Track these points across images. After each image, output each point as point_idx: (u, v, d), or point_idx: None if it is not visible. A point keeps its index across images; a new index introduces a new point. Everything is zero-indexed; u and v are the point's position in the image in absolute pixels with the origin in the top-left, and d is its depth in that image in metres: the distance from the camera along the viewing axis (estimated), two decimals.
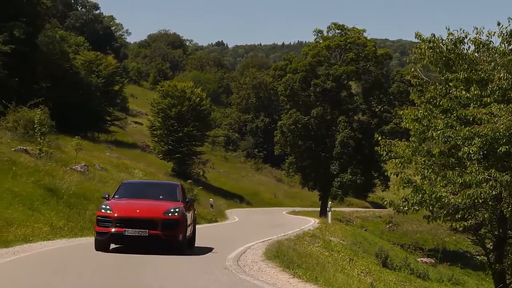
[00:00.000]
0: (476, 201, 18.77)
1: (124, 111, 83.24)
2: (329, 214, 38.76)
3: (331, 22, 60.16)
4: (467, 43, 20.85)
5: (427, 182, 20.53)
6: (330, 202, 45.12)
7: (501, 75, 19.51)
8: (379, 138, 21.63)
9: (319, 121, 56.75)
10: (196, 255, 15.73)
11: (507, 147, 18.58)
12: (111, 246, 16.03)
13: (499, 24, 20.35)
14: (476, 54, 21.06)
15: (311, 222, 35.87)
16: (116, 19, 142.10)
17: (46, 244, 17.13)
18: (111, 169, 39.65)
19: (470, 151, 18.78)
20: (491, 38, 20.67)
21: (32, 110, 33.11)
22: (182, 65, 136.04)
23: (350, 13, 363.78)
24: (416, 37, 21.49)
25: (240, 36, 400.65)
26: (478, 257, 36.04)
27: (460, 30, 20.78)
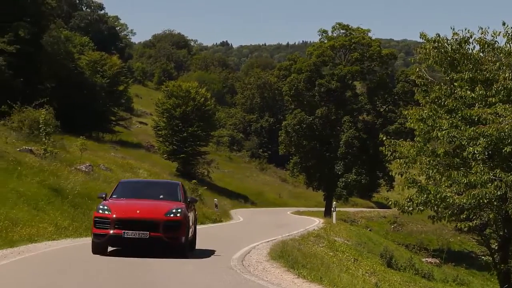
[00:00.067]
0: (481, 201, 18.74)
1: (129, 111, 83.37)
2: (334, 214, 38.70)
3: (336, 22, 60.25)
4: (472, 43, 20.84)
5: (432, 182, 20.50)
6: (335, 202, 45.02)
7: (506, 75, 19.48)
8: (384, 138, 21.61)
9: (324, 121, 56.74)
10: (201, 255, 15.68)
11: None
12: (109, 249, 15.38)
13: (504, 24, 20.33)
14: (481, 54, 21.03)
15: (316, 222, 35.82)
16: (121, 19, 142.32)
17: (51, 244, 17.15)
18: (116, 169, 39.70)
19: (475, 151, 18.75)
20: (496, 38, 20.67)
21: (37, 110, 33.21)
22: (187, 65, 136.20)
23: (355, 13, 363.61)
24: (421, 37, 21.48)
25: (245, 36, 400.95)
26: (483, 258, 36.00)
27: (465, 30, 20.78)
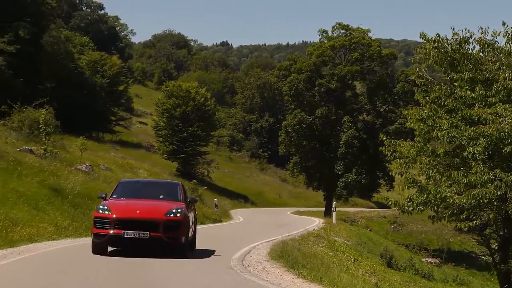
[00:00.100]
0: (481, 201, 18.74)
1: (129, 111, 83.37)
2: (334, 214, 38.70)
3: (336, 22, 60.25)
4: (472, 43, 20.84)
5: (432, 182, 20.50)
6: (335, 202, 45.01)
7: (506, 75, 19.48)
8: (384, 138, 21.61)
9: (324, 121, 56.74)
10: (201, 255, 15.67)
11: None
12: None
13: (504, 24, 20.33)
14: (481, 54, 21.03)
15: (316, 222, 35.82)
16: (121, 19, 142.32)
17: (51, 244, 17.16)
18: (116, 169, 39.70)
19: (475, 151, 18.75)
20: (496, 38, 20.68)
21: (37, 110, 33.21)
22: (187, 65, 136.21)
23: (355, 13, 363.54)
24: (421, 37, 21.48)
25: (245, 36, 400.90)
26: (483, 258, 36.01)
27: (465, 30, 20.78)
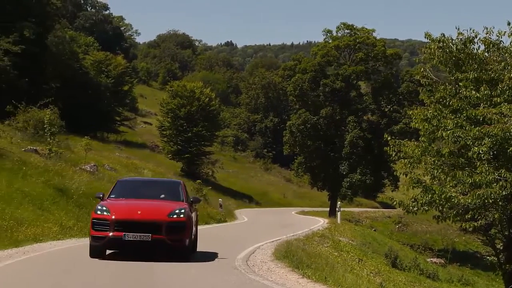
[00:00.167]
0: (486, 201, 18.72)
1: (134, 111, 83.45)
2: (338, 214, 38.64)
3: (340, 22, 60.17)
4: (477, 43, 20.81)
5: (437, 182, 20.48)
6: (339, 202, 45.00)
7: (511, 75, 19.45)
8: (389, 138, 21.59)
9: (328, 121, 56.68)
10: (205, 255, 15.64)
11: None
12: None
13: (509, 24, 20.29)
14: (486, 54, 20.99)
15: (320, 222, 35.81)
16: (126, 20, 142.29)
17: (56, 244, 17.19)
18: (121, 169, 39.74)
19: (480, 151, 18.73)
20: (501, 38, 20.65)
21: (42, 110, 33.25)
22: (191, 65, 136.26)
23: (360, 13, 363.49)
24: (426, 37, 21.46)
25: (249, 36, 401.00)
26: (488, 258, 35.93)
27: (470, 30, 20.76)
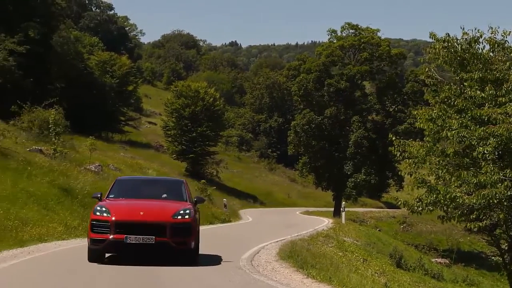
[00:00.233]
0: (491, 202, 18.67)
1: (138, 111, 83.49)
2: (343, 214, 38.62)
3: (345, 22, 60.04)
4: (482, 43, 20.77)
5: (442, 182, 20.45)
6: (344, 202, 44.95)
7: None
8: (393, 138, 21.56)
9: (333, 121, 56.65)
10: (210, 255, 15.65)
11: None
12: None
13: None
14: (491, 54, 20.95)
15: (325, 222, 35.78)
16: (130, 20, 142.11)
17: (61, 244, 17.22)
18: (125, 169, 39.77)
19: (485, 151, 18.69)
20: (506, 38, 20.60)
21: (47, 110, 33.30)
22: (196, 65, 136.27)
23: (364, 13, 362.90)
24: (431, 37, 21.42)
25: (254, 36, 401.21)
26: (493, 258, 35.84)
27: (475, 30, 20.72)
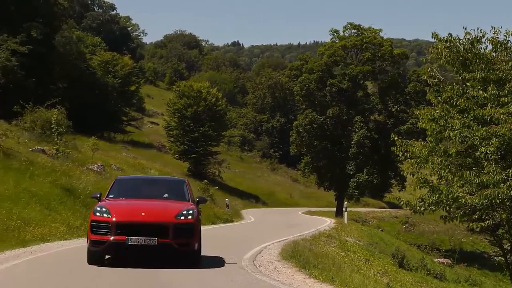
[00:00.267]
0: (494, 202, 18.65)
1: (140, 111, 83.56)
2: (345, 214, 38.59)
3: (347, 22, 60.16)
4: (485, 43, 20.73)
5: (444, 182, 20.42)
6: (346, 202, 44.94)
7: None
8: (396, 138, 21.54)
9: (335, 121, 56.65)
10: (211, 255, 15.66)
11: None
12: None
13: None
14: (494, 54, 20.92)
15: (327, 222, 35.79)
16: (133, 20, 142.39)
17: (63, 244, 17.23)
18: (128, 169, 39.78)
19: (488, 151, 18.67)
20: (509, 38, 20.56)
21: (49, 111, 33.32)
22: (198, 65, 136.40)
23: (367, 13, 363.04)
24: (433, 37, 21.40)
25: (256, 36, 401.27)
26: (496, 258, 35.85)
27: (478, 30, 20.68)
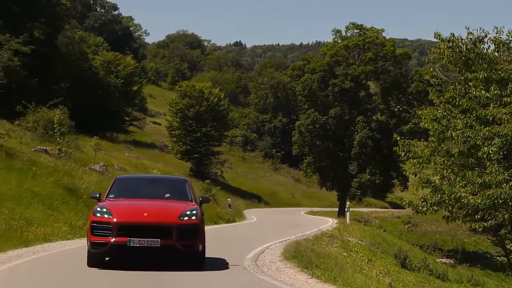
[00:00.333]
0: (496, 202, 18.65)
1: (143, 111, 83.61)
2: (348, 215, 38.56)
3: (350, 22, 60.07)
4: (487, 43, 20.76)
5: (446, 182, 20.42)
6: (349, 202, 44.86)
7: None
8: (398, 138, 21.56)
9: (337, 121, 56.64)
10: (214, 255, 15.64)
11: None
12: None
13: None
14: (496, 54, 20.93)
15: (329, 223, 35.76)
16: (135, 20, 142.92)
17: (66, 244, 17.24)
18: (130, 169, 39.77)
19: (490, 151, 18.66)
20: (511, 38, 20.55)
21: (52, 111, 33.33)
22: (200, 65, 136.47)
23: (369, 13, 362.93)
24: (435, 37, 21.41)
25: (258, 36, 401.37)
26: (498, 258, 35.83)
27: (480, 30, 20.70)
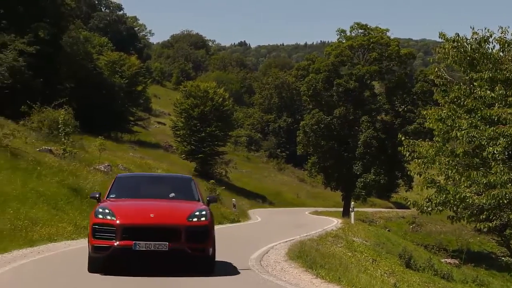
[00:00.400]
0: (501, 202, 18.62)
1: (147, 111, 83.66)
2: (352, 215, 38.53)
3: (354, 22, 60.13)
4: (492, 42, 20.75)
5: (451, 183, 20.41)
6: (353, 202, 44.88)
7: None
8: (403, 138, 21.56)
9: (342, 121, 56.59)
10: (218, 255, 15.58)
11: None
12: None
13: None
14: (501, 54, 20.90)
15: (334, 223, 35.74)
16: (140, 20, 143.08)
17: (70, 244, 17.26)
18: (135, 169, 39.78)
19: (495, 151, 18.64)
20: None
21: (57, 111, 33.39)
22: (205, 66, 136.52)
23: (373, 13, 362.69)
24: (440, 37, 21.39)
25: (263, 36, 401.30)
26: (503, 258, 35.77)
27: (485, 30, 20.70)
